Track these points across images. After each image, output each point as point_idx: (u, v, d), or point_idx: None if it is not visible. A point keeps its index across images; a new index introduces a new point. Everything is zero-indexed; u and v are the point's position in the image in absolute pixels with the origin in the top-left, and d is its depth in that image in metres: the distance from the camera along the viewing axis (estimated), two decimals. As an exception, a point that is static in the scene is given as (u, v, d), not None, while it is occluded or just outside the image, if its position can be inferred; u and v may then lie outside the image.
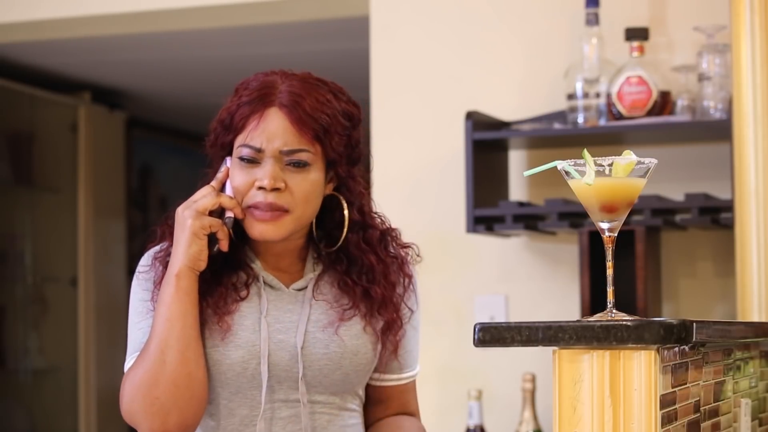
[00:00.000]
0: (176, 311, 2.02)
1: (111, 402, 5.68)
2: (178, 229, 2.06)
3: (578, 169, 1.73)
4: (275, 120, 2.05)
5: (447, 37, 3.70)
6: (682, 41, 3.45)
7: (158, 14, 4.18)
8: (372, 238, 2.16)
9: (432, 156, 3.67)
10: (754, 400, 2.16)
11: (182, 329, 2.02)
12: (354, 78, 4.02)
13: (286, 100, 2.05)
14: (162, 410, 2.01)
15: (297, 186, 2.06)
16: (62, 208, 5.55)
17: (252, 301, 2.10)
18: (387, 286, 2.15)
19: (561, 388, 1.65)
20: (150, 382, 2.01)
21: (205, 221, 2.05)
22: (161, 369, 2.01)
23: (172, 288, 2.03)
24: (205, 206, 2.06)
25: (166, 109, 6.37)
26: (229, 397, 2.08)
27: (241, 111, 2.07)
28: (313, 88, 2.08)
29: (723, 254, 3.38)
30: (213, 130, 2.12)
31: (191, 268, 2.04)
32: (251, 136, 2.05)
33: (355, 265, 2.14)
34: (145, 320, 2.10)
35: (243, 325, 2.08)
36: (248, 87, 2.09)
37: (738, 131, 2.95)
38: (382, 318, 2.13)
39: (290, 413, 2.08)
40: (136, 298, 2.13)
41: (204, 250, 2.05)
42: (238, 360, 2.06)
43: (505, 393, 3.54)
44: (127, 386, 2.04)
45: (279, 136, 2.05)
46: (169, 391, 2.01)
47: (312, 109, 2.05)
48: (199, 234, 2.04)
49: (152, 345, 2.02)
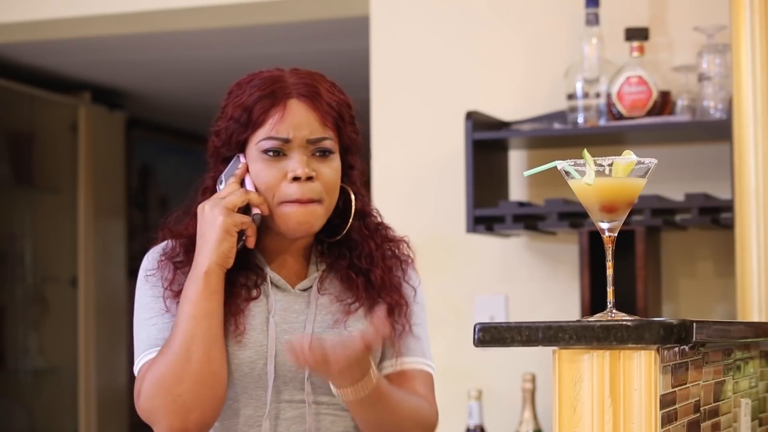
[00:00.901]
0: (203, 309, 2.01)
1: (111, 402, 5.68)
2: (206, 225, 2.04)
3: (578, 169, 1.73)
4: (299, 110, 2.06)
5: (447, 36, 3.70)
6: (682, 41, 3.45)
7: (158, 14, 4.18)
8: (371, 224, 2.18)
9: (432, 156, 3.67)
10: (754, 400, 2.16)
11: (208, 327, 2.01)
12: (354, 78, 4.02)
13: (305, 91, 2.06)
14: (184, 407, 1.99)
15: (325, 175, 2.08)
16: (62, 208, 5.55)
17: (260, 302, 2.10)
18: (385, 269, 2.15)
19: (561, 388, 1.65)
20: (174, 378, 1.99)
21: (237, 218, 2.04)
22: (187, 366, 1.99)
23: (200, 285, 2.01)
24: (234, 203, 2.05)
25: (166, 109, 6.37)
26: (235, 397, 2.08)
27: (260, 105, 2.06)
28: (319, 80, 2.10)
29: (723, 254, 3.38)
30: (224, 129, 2.10)
31: (221, 266, 2.03)
32: (277, 128, 2.05)
33: (356, 252, 2.14)
34: (159, 317, 2.08)
35: (251, 325, 2.08)
36: (253, 84, 2.08)
37: (738, 131, 2.95)
38: (385, 302, 2.12)
39: (295, 414, 2.08)
40: (146, 295, 2.10)
41: (233, 247, 2.04)
42: (246, 360, 2.06)
43: (505, 393, 3.54)
44: (147, 382, 2.01)
45: (305, 125, 2.06)
46: (192, 389, 1.99)
47: (328, 96, 2.08)
48: (231, 231, 2.03)
49: (176, 342, 2.00)
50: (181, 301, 2.03)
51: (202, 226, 2.05)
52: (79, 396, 5.49)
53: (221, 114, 2.12)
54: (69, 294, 5.52)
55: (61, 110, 5.55)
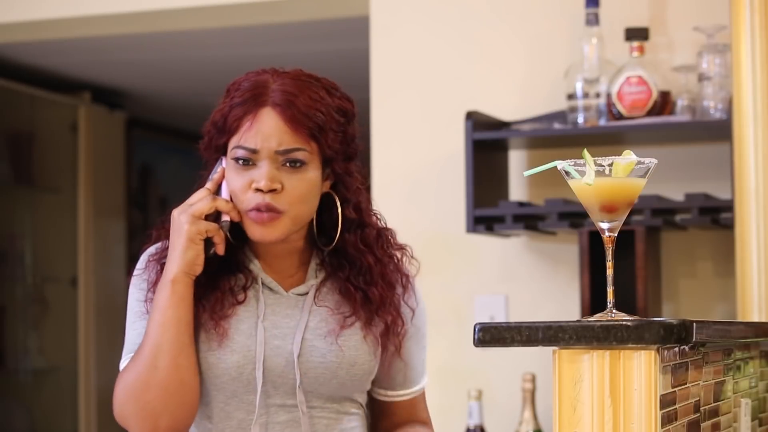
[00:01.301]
0: (170, 317, 2.01)
1: (111, 402, 5.66)
2: (174, 233, 2.04)
3: (578, 169, 1.73)
4: (269, 120, 2.03)
5: (447, 36, 3.70)
6: (682, 41, 3.45)
7: (158, 14, 4.18)
8: (369, 237, 2.14)
9: (432, 156, 3.67)
10: (754, 400, 2.16)
11: (176, 335, 2.01)
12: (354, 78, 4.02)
13: (279, 99, 2.03)
14: (153, 414, 2.01)
15: (293, 187, 2.04)
16: (62, 208, 5.55)
17: (250, 305, 2.09)
18: (385, 287, 2.13)
19: (561, 388, 1.65)
20: (141, 386, 2.01)
21: (201, 226, 2.03)
22: (153, 374, 2.00)
23: (167, 293, 2.02)
24: (201, 210, 2.04)
25: (166, 109, 6.37)
26: (225, 401, 2.07)
27: (234, 112, 2.04)
28: (306, 86, 2.06)
29: (723, 254, 3.38)
30: (206, 132, 2.10)
31: (187, 273, 2.03)
32: (245, 137, 2.03)
33: (354, 267, 2.13)
34: (139, 321, 2.09)
35: (239, 329, 2.07)
36: (240, 87, 2.06)
37: (738, 131, 2.95)
38: (382, 320, 2.12)
39: (287, 417, 2.07)
40: (132, 299, 2.12)
41: (200, 255, 2.03)
42: (233, 365, 2.05)
43: (505, 393, 3.54)
44: (119, 389, 2.04)
45: (274, 136, 2.02)
46: (160, 396, 2.01)
47: (305, 107, 2.03)
48: (195, 239, 2.03)
49: (145, 349, 2.02)
50: (152, 309, 2.04)
51: (172, 233, 2.05)
52: (79, 396, 5.49)
53: (211, 115, 2.12)
54: (69, 294, 5.52)
55: (61, 110, 5.55)
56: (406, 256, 2.19)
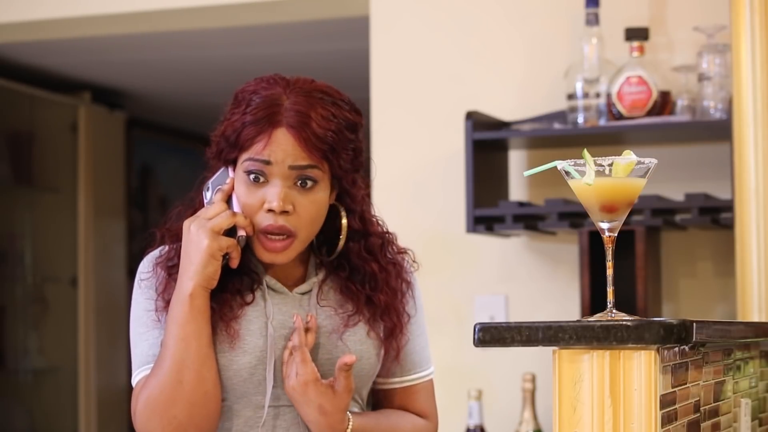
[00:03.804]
0: (191, 331, 2.01)
1: (111, 402, 5.68)
2: (190, 246, 2.03)
3: (578, 169, 1.73)
4: (284, 140, 2.02)
5: (447, 36, 3.70)
6: (682, 41, 3.45)
7: (158, 14, 4.18)
8: (373, 246, 2.15)
9: (432, 156, 3.67)
10: (754, 400, 2.17)
11: (198, 348, 2.01)
12: (354, 78, 4.03)
13: (294, 121, 2.02)
14: (179, 428, 2.01)
15: (304, 209, 2.04)
16: (62, 208, 5.55)
17: (257, 306, 2.09)
18: (389, 293, 2.14)
19: (561, 388, 1.65)
20: (166, 401, 2.00)
21: (223, 242, 2.02)
22: (179, 389, 2.00)
23: (186, 307, 2.01)
24: (221, 226, 2.03)
25: (166, 109, 6.37)
26: (234, 400, 2.08)
27: (247, 131, 2.03)
28: (318, 103, 2.05)
29: (723, 254, 3.38)
30: (216, 143, 2.09)
31: (205, 288, 2.02)
32: (260, 152, 2.03)
33: (358, 274, 2.14)
34: (150, 331, 2.08)
35: (250, 330, 2.07)
36: (251, 103, 2.05)
37: (738, 131, 2.95)
38: (385, 324, 2.13)
39: (293, 416, 2.08)
40: (139, 307, 2.11)
41: (219, 270, 2.03)
42: (245, 366, 2.05)
43: (505, 393, 3.54)
44: (142, 406, 2.02)
45: (289, 154, 2.02)
46: (186, 410, 2.00)
47: (319, 127, 2.02)
48: (216, 255, 2.02)
49: (167, 364, 2.01)
50: (168, 322, 2.03)
51: (188, 246, 2.04)
52: (79, 396, 5.49)
53: (221, 121, 2.11)
54: (69, 294, 5.52)
55: (61, 110, 5.56)
56: (407, 260, 2.20)
